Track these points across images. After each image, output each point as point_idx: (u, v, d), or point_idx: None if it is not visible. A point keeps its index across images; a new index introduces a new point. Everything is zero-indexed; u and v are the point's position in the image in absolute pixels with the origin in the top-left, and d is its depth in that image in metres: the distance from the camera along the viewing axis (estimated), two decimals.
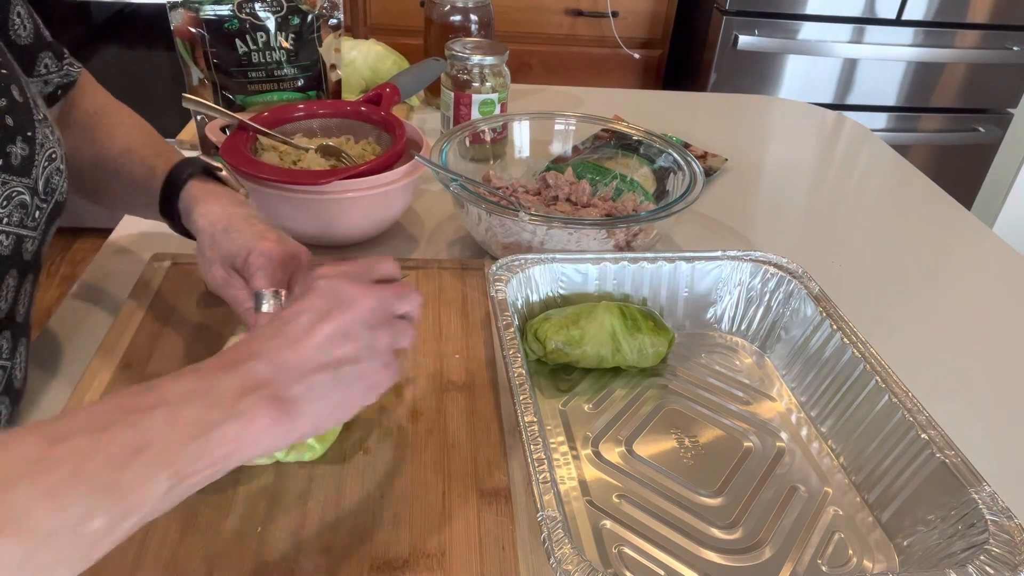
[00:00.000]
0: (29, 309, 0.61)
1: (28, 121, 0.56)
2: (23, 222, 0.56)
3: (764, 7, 1.95)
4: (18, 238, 0.55)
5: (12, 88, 0.56)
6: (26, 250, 0.57)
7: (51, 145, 0.58)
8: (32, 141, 0.56)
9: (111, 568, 0.47)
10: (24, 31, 0.65)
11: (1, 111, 0.54)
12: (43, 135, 0.57)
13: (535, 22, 2.13)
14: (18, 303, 0.58)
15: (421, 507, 0.54)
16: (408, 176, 0.79)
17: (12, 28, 0.64)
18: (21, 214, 0.55)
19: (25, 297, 0.59)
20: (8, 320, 0.57)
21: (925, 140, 2.18)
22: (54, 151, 0.58)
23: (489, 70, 1.01)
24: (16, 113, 0.55)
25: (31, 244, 0.57)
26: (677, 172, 0.85)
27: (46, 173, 0.57)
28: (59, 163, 0.59)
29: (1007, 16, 2.01)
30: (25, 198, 0.55)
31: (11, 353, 0.58)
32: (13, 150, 0.54)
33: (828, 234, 0.98)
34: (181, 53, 0.84)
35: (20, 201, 0.55)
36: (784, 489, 0.59)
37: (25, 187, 0.55)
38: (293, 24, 0.87)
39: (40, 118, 0.57)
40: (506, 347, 0.60)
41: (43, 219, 0.58)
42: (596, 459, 0.60)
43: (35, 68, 0.67)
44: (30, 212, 0.56)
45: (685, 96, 1.45)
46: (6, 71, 0.56)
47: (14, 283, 0.57)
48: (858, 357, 0.62)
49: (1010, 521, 0.48)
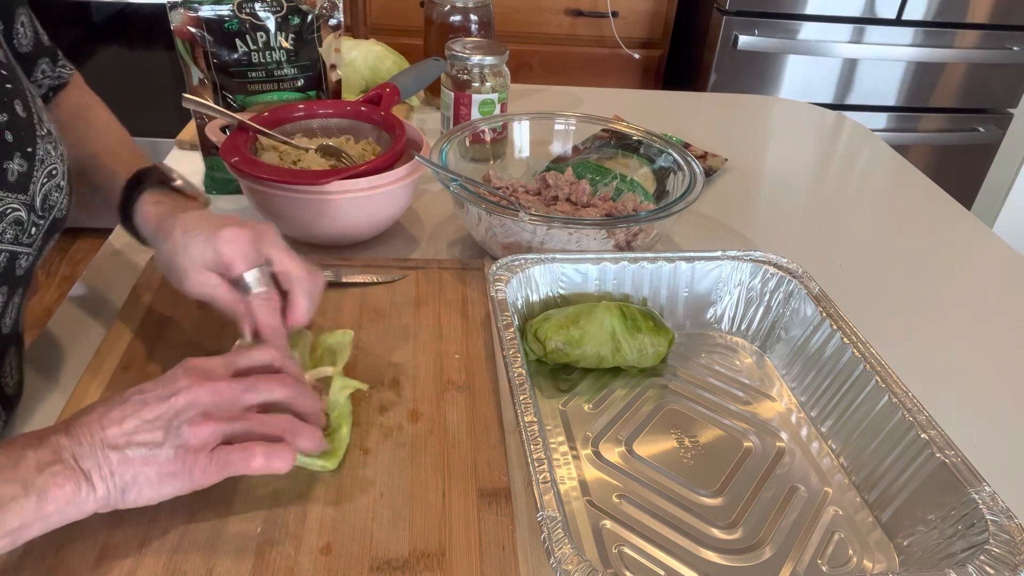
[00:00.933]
0: (18, 320, 0.61)
1: (29, 137, 0.55)
2: (18, 239, 0.55)
3: (764, 7, 1.95)
4: (11, 255, 0.55)
5: (16, 103, 0.55)
6: (19, 266, 0.56)
7: (52, 161, 0.57)
8: (32, 157, 0.55)
9: (111, 568, 0.47)
10: (25, 40, 0.65)
11: (1, 127, 0.53)
12: (44, 151, 0.56)
13: (535, 22, 2.13)
14: (6, 316, 0.58)
15: (421, 507, 0.54)
16: (408, 176, 0.79)
17: (15, 37, 0.64)
18: (16, 231, 0.54)
19: (13, 310, 0.59)
20: None
21: (925, 140, 2.18)
22: (55, 168, 0.58)
23: (489, 70, 1.01)
24: (17, 129, 0.54)
25: (25, 260, 0.57)
26: (677, 172, 0.85)
27: (44, 190, 0.56)
28: (59, 179, 0.58)
29: (1007, 16, 2.01)
30: (21, 215, 0.54)
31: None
32: (10, 166, 0.53)
33: (828, 234, 0.98)
34: (181, 53, 0.84)
35: (15, 218, 0.54)
36: (784, 489, 0.59)
37: (21, 204, 0.54)
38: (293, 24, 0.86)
39: (43, 134, 0.57)
40: (506, 347, 0.60)
41: (39, 236, 0.57)
42: (596, 459, 0.60)
43: (32, 74, 0.66)
44: (26, 229, 0.55)
45: (685, 96, 1.45)
46: (11, 85, 0.56)
47: (2, 299, 0.56)
48: (858, 357, 0.62)
49: (1010, 521, 0.48)
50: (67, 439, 0.45)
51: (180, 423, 0.47)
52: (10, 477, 0.42)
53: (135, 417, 0.46)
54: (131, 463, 0.46)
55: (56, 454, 0.44)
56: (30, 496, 0.42)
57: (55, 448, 0.44)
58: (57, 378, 0.65)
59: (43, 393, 0.63)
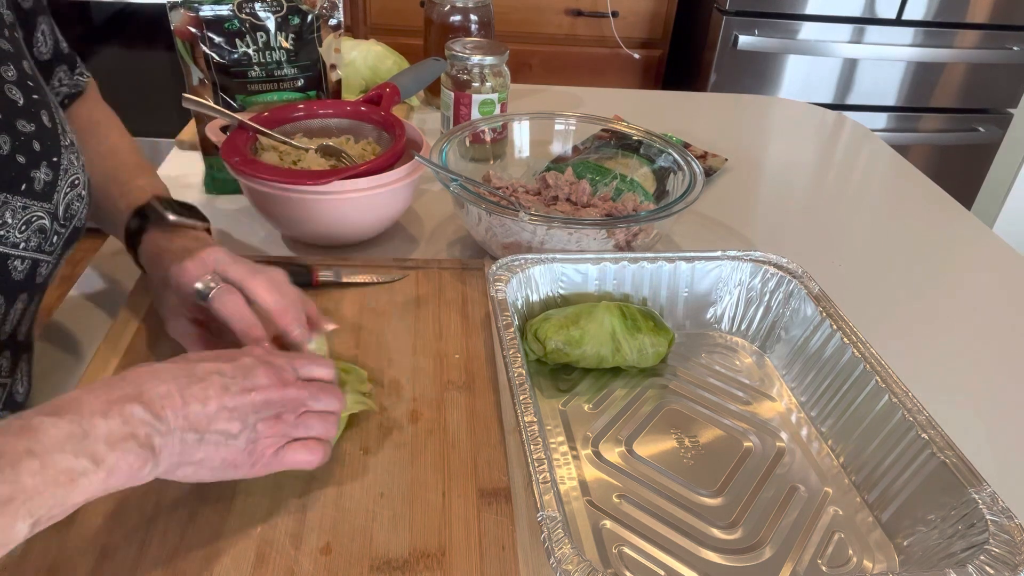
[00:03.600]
0: (31, 328, 0.61)
1: (55, 147, 0.56)
2: (41, 247, 0.55)
3: (764, 7, 1.95)
4: (34, 263, 0.55)
5: (42, 114, 0.56)
6: (40, 274, 0.57)
7: (75, 171, 0.58)
8: (57, 167, 0.56)
9: (111, 568, 0.48)
10: (45, 47, 0.65)
11: (29, 136, 0.54)
12: (68, 161, 0.57)
13: (535, 22, 2.13)
14: (22, 324, 0.58)
15: (421, 507, 0.54)
16: (408, 176, 0.79)
17: (35, 45, 0.64)
18: (39, 239, 0.55)
19: (28, 318, 0.59)
20: (10, 340, 0.57)
21: (925, 140, 2.18)
22: (77, 177, 0.58)
23: (489, 70, 1.01)
24: (44, 139, 0.55)
25: (45, 269, 0.57)
26: (677, 172, 0.85)
27: (67, 199, 0.57)
28: (81, 189, 0.59)
29: (1007, 16, 2.01)
30: (45, 223, 0.55)
31: (11, 371, 0.58)
32: (37, 175, 0.54)
33: (828, 234, 0.98)
34: (181, 53, 0.84)
35: (40, 226, 0.55)
36: (784, 489, 0.59)
37: (46, 212, 0.55)
38: (293, 24, 0.86)
39: (67, 144, 0.57)
40: (506, 347, 0.60)
41: (60, 244, 0.58)
42: (596, 459, 0.60)
43: (50, 82, 0.66)
44: (48, 237, 0.56)
45: (685, 96, 1.45)
46: (38, 96, 0.56)
47: (22, 306, 0.57)
48: (858, 357, 0.62)
49: (1010, 521, 0.48)
50: (143, 410, 0.42)
51: (257, 420, 0.48)
52: (81, 450, 0.39)
53: (217, 400, 0.46)
54: (204, 447, 0.45)
55: (129, 426, 0.41)
56: (100, 472, 0.40)
57: (127, 418, 0.41)
58: (58, 377, 0.65)
59: (43, 392, 0.63)
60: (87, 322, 0.71)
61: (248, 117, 0.82)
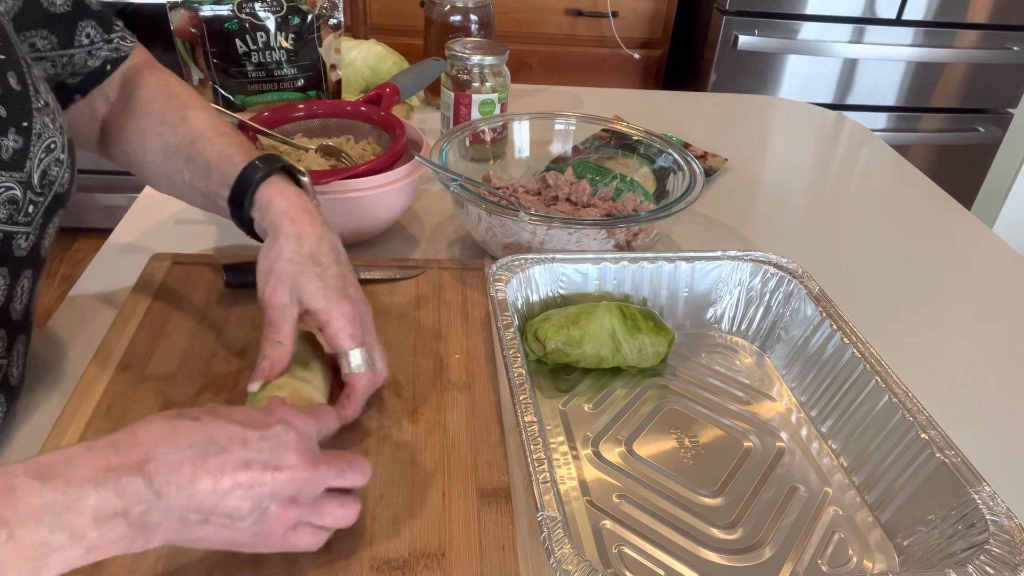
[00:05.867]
0: (28, 306, 0.59)
1: (25, 110, 0.53)
2: (12, 218, 0.53)
3: (764, 7, 1.95)
4: (7, 235, 0.53)
5: (8, 76, 0.53)
6: (18, 246, 0.55)
7: (50, 135, 0.55)
8: (28, 132, 0.53)
9: (111, 568, 0.47)
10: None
11: None
12: (42, 124, 0.54)
13: (535, 22, 2.13)
14: (12, 300, 0.56)
15: (421, 507, 0.54)
16: (408, 176, 0.79)
17: None
18: (10, 210, 0.53)
19: (23, 294, 0.57)
20: (2, 318, 0.56)
21: (925, 140, 2.18)
22: (53, 141, 0.55)
23: (489, 70, 1.01)
24: (11, 103, 0.52)
25: (24, 240, 0.55)
26: (677, 172, 0.85)
27: (43, 165, 0.54)
28: (59, 153, 0.56)
29: (1007, 16, 2.01)
30: (16, 193, 0.52)
31: (6, 351, 0.57)
32: (4, 143, 0.51)
33: (828, 234, 0.98)
34: (181, 53, 0.84)
35: (9, 197, 0.52)
36: (784, 489, 0.59)
37: (16, 182, 0.52)
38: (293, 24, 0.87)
39: (40, 106, 0.55)
40: (506, 347, 0.60)
41: (38, 214, 0.55)
42: (596, 459, 0.60)
43: (75, 38, 0.62)
44: (22, 208, 0.53)
45: (685, 96, 1.45)
46: (4, 56, 0.53)
47: (5, 281, 0.55)
48: (858, 357, 0.62)
49: (1010, 521, 0.48)
50: (143, 484, 0.39)
51: (270, 503, 0.43)
52: (59, 524, 0.36)
53: (232, 476, 0.41)
54: (205, 528, 0.42)
55: (122, 500, 0.38)
56: (77, 548, 0.37)
57: (121, 491, 0.38)
58: (58, 377, 0.65)
59: (44, 391, 0.63)
60: (87, 322, 0.71)
61: (248, 117, 0.82)
